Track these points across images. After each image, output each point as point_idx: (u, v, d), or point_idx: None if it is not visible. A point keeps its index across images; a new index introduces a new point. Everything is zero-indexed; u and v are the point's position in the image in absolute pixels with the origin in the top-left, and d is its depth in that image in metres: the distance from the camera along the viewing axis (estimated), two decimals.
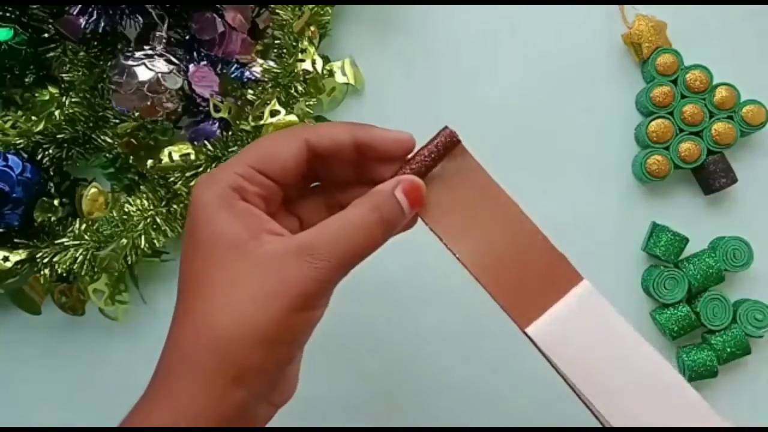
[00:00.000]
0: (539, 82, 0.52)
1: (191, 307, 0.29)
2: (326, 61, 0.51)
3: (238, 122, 0.48)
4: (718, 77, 0.51)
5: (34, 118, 0.49)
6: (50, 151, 0.49)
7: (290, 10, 0.49)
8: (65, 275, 0.48)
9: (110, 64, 0.48)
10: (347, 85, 0.52)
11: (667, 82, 0.50)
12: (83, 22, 0.47)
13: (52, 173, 0.50)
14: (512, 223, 0.33)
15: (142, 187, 0.49)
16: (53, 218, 0.49)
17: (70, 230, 0.48)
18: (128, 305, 0.51)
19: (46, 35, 0.49)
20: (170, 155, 0.48)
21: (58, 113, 0.48)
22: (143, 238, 0.48)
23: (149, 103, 0.46)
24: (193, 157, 0.48)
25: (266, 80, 0.49)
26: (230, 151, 0.48)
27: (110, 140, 0.49)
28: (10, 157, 0.47)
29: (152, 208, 0.48)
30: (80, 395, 0.52)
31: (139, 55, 0.46)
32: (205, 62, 0.48)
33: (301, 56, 0.49)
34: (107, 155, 0.50)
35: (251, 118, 0.48)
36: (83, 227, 0.48)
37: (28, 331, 0.52)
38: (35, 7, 0.48)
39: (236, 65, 0.49)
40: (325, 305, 0.31)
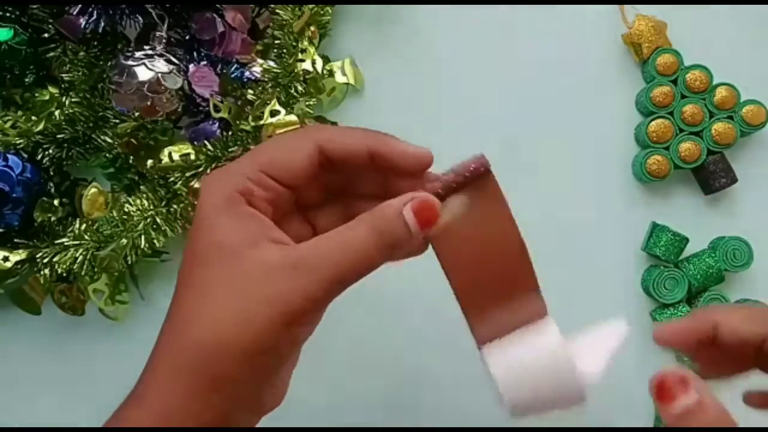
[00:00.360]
0: (539, 81, 0.52)
1: (178, 309, 0.29)
2: (326, 61, 0.51)
3: (238, 122, 0.48)
4: (718, 77, 0.51)
5: (34, 118, 0.49)
6: (50, 151, 0.49)
7: (290, 10, 0.49)
8: (65, 275, 0.48)
9: (110, 64, 0.48)
10: (347, 85, 0.52)
11: (667, 82, 0.50)
12: (83, 22, 0.47)
13: (52, 173, 0.50)
14: (513, 265, 0.31)
15: (142, 187, 0.49)
16: (53, 218, 0.49)
17: (70, 230, 0.48)
18: (128, 305, 0.51)
19: (46, 35, 0.49)
20: (170, 155, 0.48)
21: (58, 113, 0.48)
22: (143, 238, 0.48)
23: (149, 103, 0.46)
24: (193, 157, 0.48)
25: (266, 80, 0.49)
26: (230, 151, 0.48)
27: (110, 140, 0.49)
28: (10, 157, 0.47)
29: (152, 208, 0.48)
30: (80, 395, 0.52)
31: (139, 55, 0.46)
32: (205, 62, 0.48)
33: (301, 56, 0.49)
34: (107, 155, 0.50)
35: (251, 118, 0.48)
36: (83, 227, 0.48)
37: (28, 331, 0.52)
38: (35, 7, 0.48)
39: (236, 65, 0.49)
40: (315, 322, 0.30)
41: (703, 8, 0.52)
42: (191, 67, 0.48)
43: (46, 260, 0.47)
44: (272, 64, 0.49)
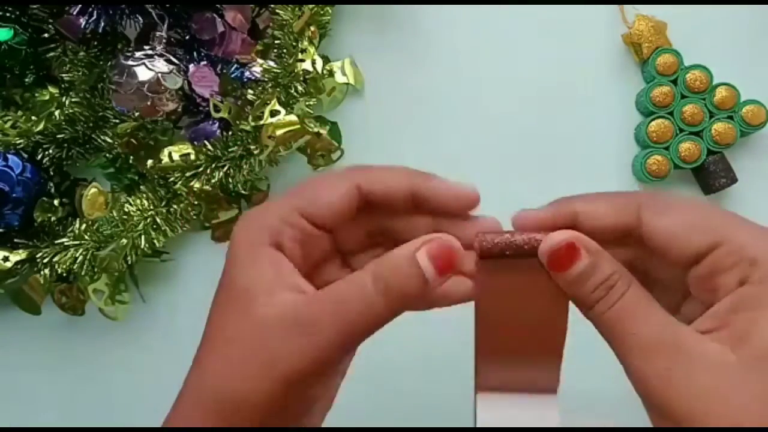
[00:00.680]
0: (539, 81, 0.52)
1: (201, 354, 0.28)
2: (326, 61, 0.51)
3: (238, 122, 0.48)
4: (718, 77, 0.51)
5: (34, 118, 0.49)
6: (50, 151, 0.49)
7: (290, 10, 0.49)
8: (65, 275, 0.48)
9: (110, 64, 0.48)
10: (347, 85, 0.52)
11: (667, 82, 0.50)
12: (83, 22, 0.47)
13: (52, 173, 0.50)
14: (549, 333, 0.29)
15: (142, 187, 0.49)
16: (53, 218, 0.49)
17: (70, 230, 0.48)
18: (128, 305, 0.51)
19: (46, 35, 0.49)
20: (170, 155, 0.48)
21: (58, 113, 0.48)
22: (143, 238, 0.48)
23: (149, 103, 0.46)
24: (193, 157, 0.48)
25: (266, 80, 0.49)
26: (230, 151, 0.48)
27: (110, 140, 0.49)
28: (10, 157, 0.47)
29: (152, 208, 0.49)
30: (80, 395, 0.52)
31: (139, 55, 0.46)
32: (205, 62, 0.48)
33: (301, 56, 0.49)
34: (107, 155, 0.50)
35: (251, 118, 0.48)
36: (83, 227, 0.48)
37: (28, 331, 0.52)
38: (35, 7, 0.48)
39: (236, 65, 0.49)
40: (326, 383, 0.29)
41: (703, 8, 0.52)
42: (191, 67, 0.48)
43: (46, 260, 0.47)
44: (272, 64, 0.49)
